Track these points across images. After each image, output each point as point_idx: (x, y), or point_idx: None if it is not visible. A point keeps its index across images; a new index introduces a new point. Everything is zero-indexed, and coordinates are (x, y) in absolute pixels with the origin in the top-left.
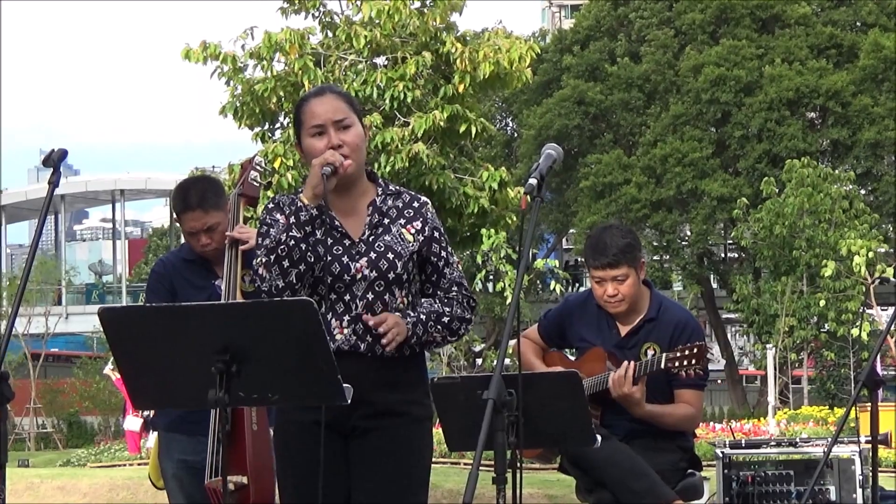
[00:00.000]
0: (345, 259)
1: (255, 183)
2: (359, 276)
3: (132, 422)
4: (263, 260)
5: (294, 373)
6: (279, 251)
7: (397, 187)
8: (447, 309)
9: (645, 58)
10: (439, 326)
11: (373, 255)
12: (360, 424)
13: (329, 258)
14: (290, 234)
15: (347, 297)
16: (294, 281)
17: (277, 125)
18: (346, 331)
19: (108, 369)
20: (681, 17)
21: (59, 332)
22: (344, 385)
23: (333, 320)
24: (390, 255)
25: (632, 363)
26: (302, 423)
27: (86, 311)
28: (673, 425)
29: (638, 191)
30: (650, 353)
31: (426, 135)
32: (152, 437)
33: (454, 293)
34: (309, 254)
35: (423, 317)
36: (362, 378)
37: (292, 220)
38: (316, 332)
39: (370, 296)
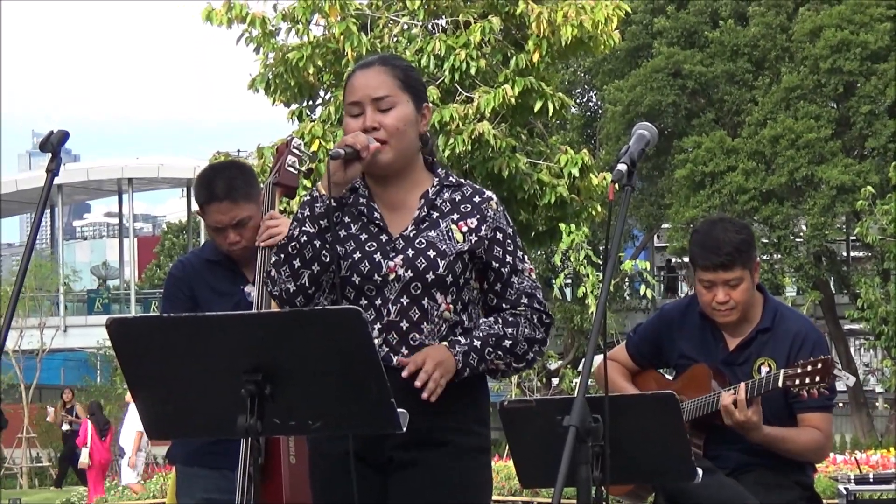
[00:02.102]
0: (377, 256)
1: (292, 170)
2: (392, 276)
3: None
4: (273, 259)
5: (339, 396)
6: (289, 249)
7: (459, 179)
8: (510, 330)
9: (753, 19)
10: (500, 352)
11: (410, 252)
12: (397, 456)
13: (358, 255)
14: (303, 228)
15: (378, 302)
16: (307, 284)
17: (318, 101)
18: (376, 342)
19: (52, 415)
20: None
21: (57, 347)
22: (399, 410)
23: None
24: (431, 253)
25: (742, 385)
26: (332, 454)
27: (88, 322)
28: (797, 454)
29: (745, 179)
30: (764, 369)
31: (493, 112)
32: (127, 473)
33: (522, 308)
34: (324, 253)
35: (477, 343)
36: (396, 400)
37: (306, 212)
38: (365, 347)
39: (405, 300)
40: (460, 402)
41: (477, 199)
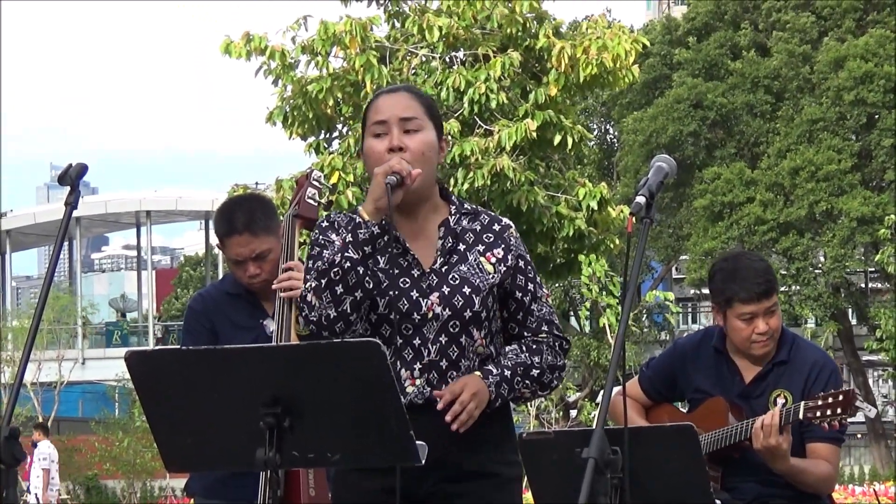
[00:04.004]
0: (414, 294)
1: (312, 202)
2: (430, 314)
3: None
4: (313, 285)
5: (358, 428)
6: (332, 274)
7: (475, 206)
8: (536, 359)
9: (775, 47)
10: (528, 381)
11: (446, 289)
12: (439, 490)
13: (395, 292)
14: (346, 254)
15: (417, 341)
16: (348, 310)
17: (335, 134)
18: (418, 381)
19: None
20: None
21: (75, 380)
22: (417, 442)
23: (403, 370)
24: (466, 290)
25: (777, 409)
26: (367, 491)
27: (106, 355)
28: (811, 486)
29: (763, 210)
30: (780, 401)
31: (514, 146)
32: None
33: (543, 335)
34: (367, 279)
35: (507, 373)
36: (439, 436)
37: (349, 238)
38: (384, 380)
39: (444, 338)
40: (497, 432)
41: (497, 227)
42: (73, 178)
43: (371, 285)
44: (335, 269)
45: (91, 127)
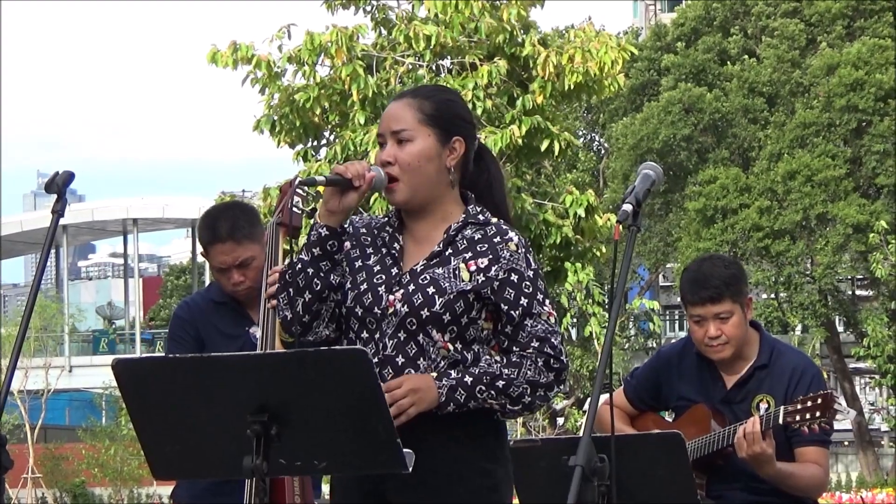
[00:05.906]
0: (380, 290)
1: (296, 210)
2: (390, 310)
3: None
4: (276, 286)
5: (345, 436)
6: (287, 277)
7: (487, 218)
8: (509, 371)
9: (764, 52)
10: (493, 392)
11: (412, 287)
12: (396, 500)
13: (364, 287)
14: (300, 256)
15: (377, 335)
16: (300, 312)
17: (323, 142)
18: None
19: None
20: (812, 4)
21: (62, 388)
22: (405, 450)
23: None
24: (430, 290)
25: (756, 417)
26: (352, 495)
27: (93, 362)
28: (801, 489)
29: (759, 216)
30: (762, 406)
31: (499, 153)
32: None
33: (531, 350)
34: (316, 281)
35: (468, 379)
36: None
37: (305, 240)
38: (370, 387)
39: (402, 335)
40: (465, 437)
41: (496, 239)
42: (59, 185)
43: (319, 288)
44: (289, 272)
45: (78, 134)
